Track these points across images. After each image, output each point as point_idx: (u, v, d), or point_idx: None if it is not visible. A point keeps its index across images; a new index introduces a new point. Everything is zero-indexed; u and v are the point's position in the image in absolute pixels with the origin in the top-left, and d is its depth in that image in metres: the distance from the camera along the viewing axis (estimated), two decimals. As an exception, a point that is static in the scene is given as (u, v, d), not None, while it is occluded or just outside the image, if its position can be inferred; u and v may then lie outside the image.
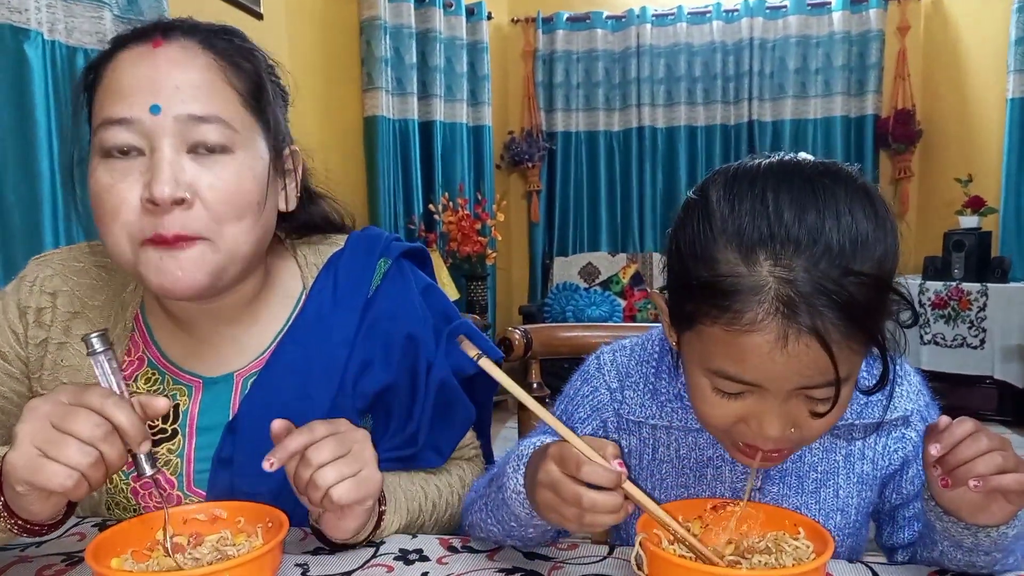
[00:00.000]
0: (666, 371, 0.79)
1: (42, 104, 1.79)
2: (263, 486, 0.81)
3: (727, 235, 0.61)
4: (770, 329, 0.59)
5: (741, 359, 0.61)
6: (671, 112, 4.64)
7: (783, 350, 0.59)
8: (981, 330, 3.72)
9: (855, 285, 0.58)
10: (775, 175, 0.62)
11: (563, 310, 4.29)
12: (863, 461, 0.78)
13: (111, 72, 0.76)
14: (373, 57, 3.87)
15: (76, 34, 1.92)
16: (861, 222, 0.60)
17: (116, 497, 0.86)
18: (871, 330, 0.60)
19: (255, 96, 0.80)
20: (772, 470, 0.77)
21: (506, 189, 4.82)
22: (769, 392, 0.62)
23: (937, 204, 4.29)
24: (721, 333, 0.61)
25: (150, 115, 0.73)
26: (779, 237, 0.59)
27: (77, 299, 0.89)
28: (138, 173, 0.74)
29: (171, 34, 0.77)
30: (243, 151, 0.78)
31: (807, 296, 0.58)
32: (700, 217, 0.63)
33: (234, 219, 0.77)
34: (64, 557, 0.75)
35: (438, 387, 0.90)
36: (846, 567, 0.71)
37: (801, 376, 0.60)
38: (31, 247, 1.75)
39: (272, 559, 0.64)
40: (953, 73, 4.30)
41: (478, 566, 0.73)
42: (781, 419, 0.63)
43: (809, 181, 0.61)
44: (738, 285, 0.59)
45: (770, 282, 0.59)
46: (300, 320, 0.89)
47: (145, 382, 0.87)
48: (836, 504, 0.78)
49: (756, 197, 0.61)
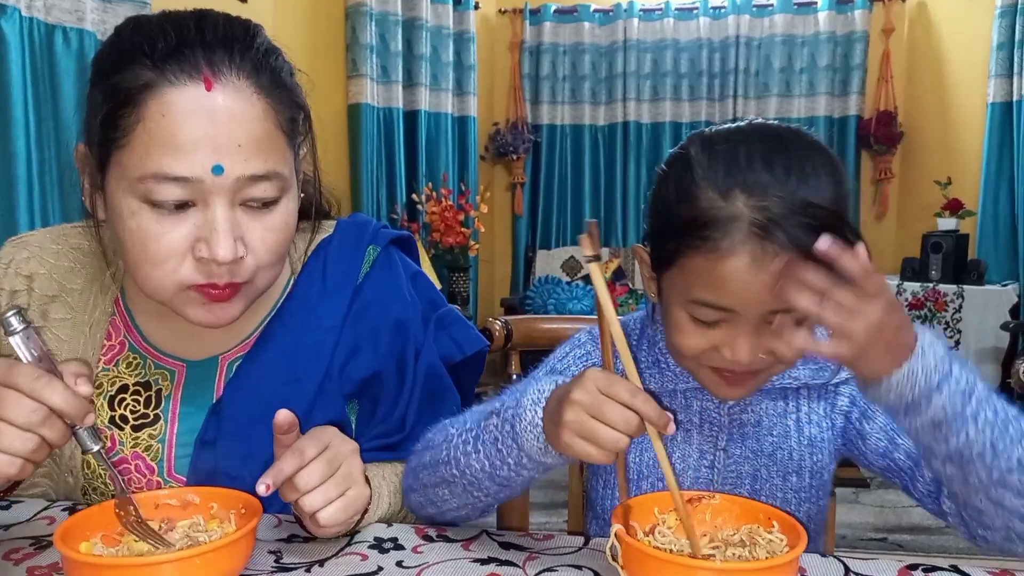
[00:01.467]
0: (645, 343, 0.86)
1: (19, 82, 1.76)
2: (246, 468, 0.81)
3: (706, 180, 0.69)
4: (745, 252, 0.66)
5: (720, 285, 0.68)
6: (656, 107, 4.65)
7: (758, 272, 0.66)
8: (956, 331, 3.77)
9: (818, 213, 0.66)
10: (747, 133, 0.72)
11: (545, 303, 4.29)
12: (810, 425, 0.85)
13: (159, 114, 0.69)
14: (358, 44, 3.83)
15: (55, 12, 1.89)
16: (820, 169, 0.69)
17: (94, 483, 0.85)
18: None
19: (293, 124, 0.78)
20: (734, 433, 0.84)
21: (490, 181, 4.81)
22: (743, 318, 0.69)
23: (916, 206, 4.34)
24: (701, 262, 0.69)
25: (211, 175, 0.70)
26: (751, 180, 0.67)
27: (55, 282, 0.87)
28: (191, 225, 0.72)
29: (220, 69, 0.71)
30: (287, 196, 0.77)
31: (779, 219, 0.66)
32: (681, 167, 0.72)
33: (276, 264, 0.79)
34: (32, 541, 0.74)
35: (426, 374, 0.90)
36: (819, 560, 0.72)
37: (773, 299, 0.66)
38: (6, 227, 1.73)
39: (245, 545, 0.64)
40: (935, 76, 4.34)
41: (453, 555, 0.73)
42: (752, 343, 0.70)
43: (778, 136, 0.71)
44: (716, 215, 0.67)
45: (745, 212, 0.67)
46: (288, 305, 0.88)
47: (127, 366, 0.86)
48: (790, 465, 0.84)
49: (731, 149, 0.70)
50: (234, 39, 0.73)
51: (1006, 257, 4.03)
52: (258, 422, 0.79)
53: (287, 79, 0.77)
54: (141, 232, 0.72)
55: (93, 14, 1.97)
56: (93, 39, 1.95)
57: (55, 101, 1.90)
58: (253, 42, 0.75)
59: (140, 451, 0.85)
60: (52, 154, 1.88)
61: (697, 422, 0.84)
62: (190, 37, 0.71)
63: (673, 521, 0.68)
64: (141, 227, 0.72)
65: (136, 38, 0.72)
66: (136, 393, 0.86)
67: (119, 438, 0.85)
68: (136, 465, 0.85)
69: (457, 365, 0.94)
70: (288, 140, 0.77)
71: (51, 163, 1.88)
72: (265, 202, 0.75)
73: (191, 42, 0.71)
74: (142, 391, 0.86)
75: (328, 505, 0.69)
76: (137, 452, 0.85)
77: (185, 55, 0.70)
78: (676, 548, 0.65)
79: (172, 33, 0.71)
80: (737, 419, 0.84)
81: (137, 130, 0.70)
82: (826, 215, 0.66)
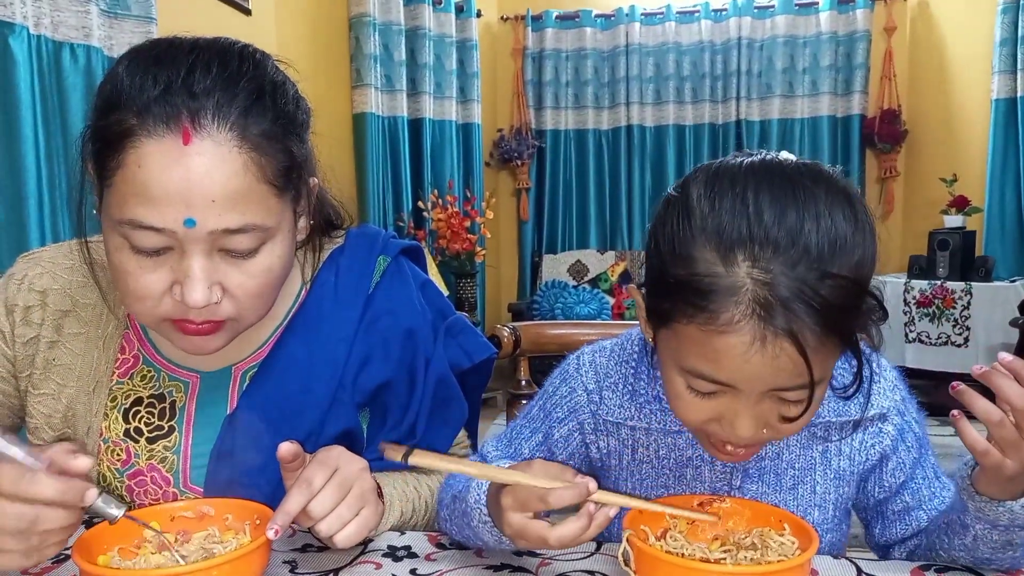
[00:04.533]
0: (645, 372, 0.79)
1: (28, 99, 1.78)
2: (262, 478, 0.82)
3: (706, 234, 0.61)
4: (745, 331, 0.59)
5: (715, 359, 0.61)
6: (660, 111, 4.65)
7: (758, 352, 0.59)
8: (965, 328, 3.75)
9: (832, 289, 0.58)
10: (756, 174, 0.62)
11: (552, 307, 4.29)
12: (839, 457, 0.79)
13: (135, 164, 0.69)
14: (362, 54, 3.85)
15: (63, 29, 1.91)
16: (840, 224, 0.60)
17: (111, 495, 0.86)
18: (846, 333, 0.61)
19: (287, 175, 0.75)
20: (751, 468, 0.78)
21: (495, 187, 4.82)
22: (742, 392, 0.63)
23: (922, 203, 4.32)
24: (696, 332, 0.61)
25: (183, 228, 0.70)
26: (758, 238, 0.59)
27: (68, 297, 0.88)
28: (167, 268, 0.72)
29: (201, 122, 0.69)
30: (270, 243, 0.76)
31: (784, 299, 0.58)
32: (680, 214, 0.63)
33: (261, 305, 0.79)
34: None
35: (436, 382, 0.91)
36: (831, 563, 0.72)
37: (775, 378, 0.61)
38: (17, 243, 1.74)
39: (260, 556, 0.64)
40: (939, 73, 4.34)
41: (466, 563, 0.73)
42: (753, 420, 0.64)
43: (790, 181, 0.61)
44: (715, 285, 0.59)
45: (747, 283, 0.59)
46: (300, 315, 0.89)
47: (141, 379, 0.87)
48: (814, 500, 0.79)
49: (736, 196, 0.61)
50: (225, 83, 0.71)
51: (1013, 253, 4.02)
52: (272, 432, 0.80)
53: (280, 126, 0.74)
54: (122, 269, 0.73)
55: (100, 30, 1.99)
56: (100, 55, 1.97)
57: (63, 117, 1.91)
58: (249, 83, 0.72)
59: (156, 463, 0.85)
60: (61, 170, 1.89)
61: (708, 458, 0.78)
62: (177, 84, 0.69)
63: (684, 525, 0.69)
64: (123, 264, 0.73)
65: (129, 76, 0.71)
66: (151, 405, 0.87)
67: (134, 450, 0.86)
68: (152, 477, 0.85)
69: (465, 372, 0.95)
70: (276, 191, 0.74)
71: (60, 178, 1.89)
72: (243, 253, 0.74)
73: (177, 90, 0.69)
74: (156, 403, 0.87)
75: (344, 528, 0.70)
76: (153, 464, 0.85)
77: (169, 103, 0.69)
78: (688, 552, 0.65)
79: (162, 76, 0.70)
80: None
81: (118, 175, 0.70)
82: (843, 290, 0.59)
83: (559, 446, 0.83)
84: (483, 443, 0.89)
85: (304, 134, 0.79)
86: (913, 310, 3.89)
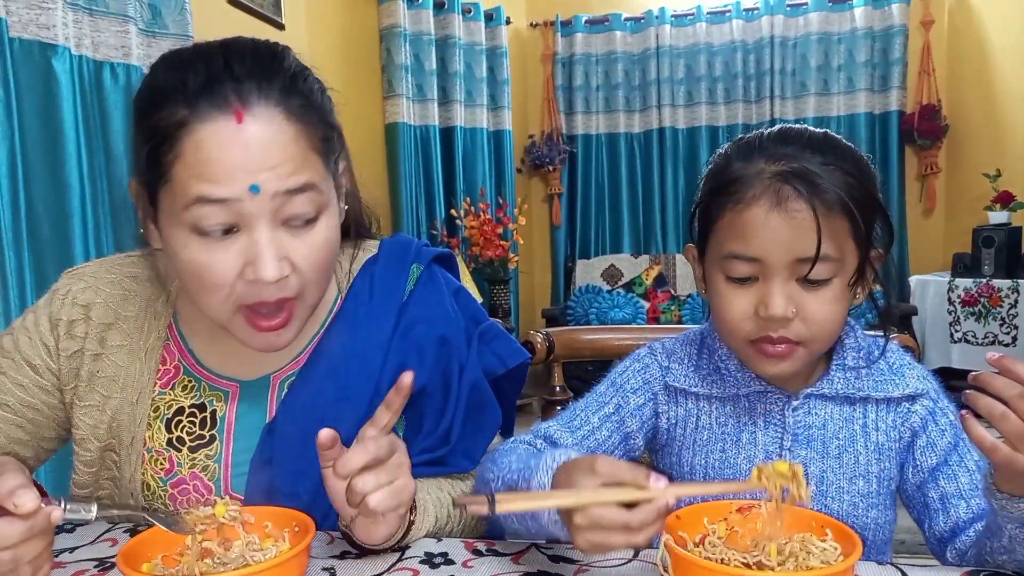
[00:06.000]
0: (706, 351, 0.90)
1: (70, 118, 1.83)
2: (300, 486, 0.83)
3: (736, 155, 0.81)
4: (764, 201, 0.75)
5: (745, 233, 0.76)
6: (692, 112, 4.61)
7: (777, 215, 0.74)
8: (1013, 327, 3.64)
9: (836, 171, 0.75)
10: (777, 128, 0.82)
11: (586, 313, 4.28)
12: (878, 432, 0.85)
13: (194, 149, 0.72)
14: (393, 64, 3.89)
15: (103, 48, 1.96)
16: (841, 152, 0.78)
17: (154, 504, 0.88)
18: (852, 213, 0.75)
19: (326, 143, 0.80)
20: (799, 433, 0.85)
21: (527, 193, 4.82)
22: (771, 268, 0.76)
23: (965, 200, 4.22)
24: (729, 216, 0.78)
25: (249, 194, 0.73)
26: (773, 150, 0.78)
27: (111, 310, 0.90)
28: (237, 251, 0.75)
29: (249, 101, 0.73)
30: (326, 214, 0.80)
31: (796, 171, 0.75)
32: (716, 162, 0.84)
33: (323, 279, 0.81)
34: (96, 562, 0.77)
35: (470, 388, 0.91)
36: (876, 569, 0.70)
37: (793, 244, 0.74)
38: (61, 259, 1.78)
39: (299, 563, 0.65)
40: (979, 67, 4.23)
41: (503, 569, 0.73)
42: (783, 297, 0.76)
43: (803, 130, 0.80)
44: (741, 174, 0.78)
45: (765, 168, 0.77)
46: (336, 323, 0.91)
47: (182, 389, 0.89)
48: (857, 470, 0.85)
49: (759, 136, 0.81)
50: (262, 68, 0.75)
51: (1063, 249, 3.90)
52: (311, 440, 0.80)
53: (316, 100, 0.79)
54: (193, 263, 0.76)
55: (139, 49, 2.04)
56: (139, 73, 2.01)
57: (105, 135, 1.96)
58: (281, 67, 0.77)
59: (198, 471, 0.87)
60: (104, 187, 1.94)
61: (762, 424, 0.86)
62: (219, 72, 0.74)
63: (723, 531, 0.68)
64: (193, 258, 0.75)
65: (169, 77, 0.75)
66: (192, 415, 0.88)
67: (177, 459, 0.87)
68: (194, 485, 0.87)
69: (499, 378, 0.95)
70: (323, 159, 0.79)
71: (103, 195, 1.94)
72: (306, 219, 0.77)
73: (220, 77, 0.73)
74: (197, 413, 0.88)
75: (379, 489, 0.69)
76: (195, 472, 0.87)
77: (215, 90, 0.73)
78: (726, 558, 0.64)
79: (202, 69, 0.74)
80: (802, 422, 0.85)
81: (176, 166, 0.73)
82: (845, 175, 0.75)
83: (633, 416, 0.89)
84: (542, 424, 0.90)
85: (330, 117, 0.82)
86: (958, 309, 3.79)
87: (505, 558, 0.75)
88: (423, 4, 4.05)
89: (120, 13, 1.98)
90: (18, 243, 1.72)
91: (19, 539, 0.62)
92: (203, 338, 0.91)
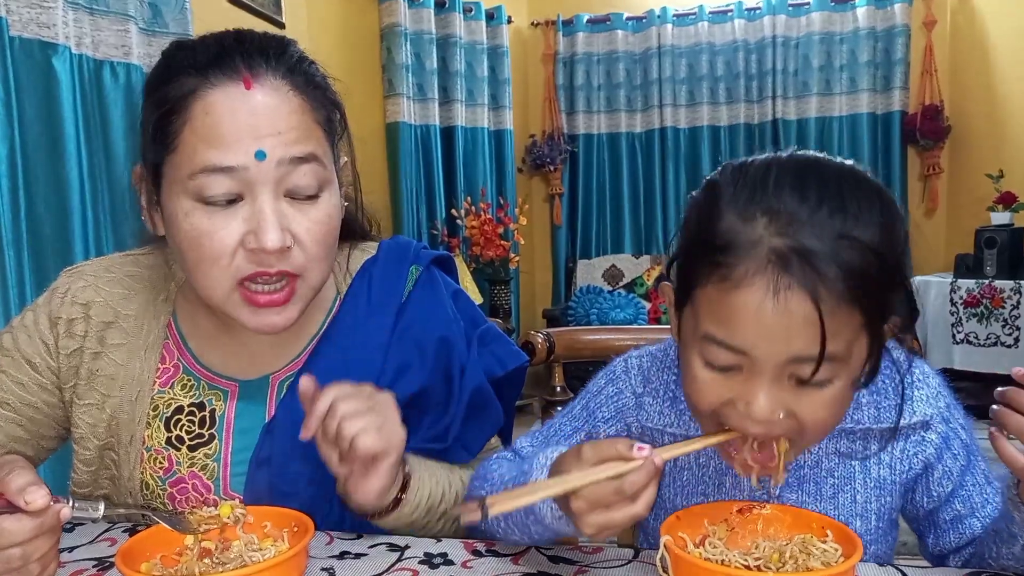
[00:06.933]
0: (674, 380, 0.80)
1: (71, 116, 1.83)
2: (300, 486, 0.83)
3: (730, 203, 0.63)
4: (758, 284, 0.59)
5: (729, 319, 0.61)
6: (694, 112, 4.61)
7: (771, 307, 0.58)
8: (1015, 328, 3.64)
9: (850, 250, 0.59)
10: (784, 159, 0.65)
11: (587, 313, 4.27)
12: (880, 466, 0.76)
13: (203, 113, 0.75)
14: (394, 64, 3.89)
15: (103, 48, 1.96)
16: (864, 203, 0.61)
17: (153, 503, 0.88)
18: (865, 307, 0.60)
19: (329, 123, 0.83)
20: (791, 477, 0.76)
21: (528, 192, 4.82)
22: (758, 365, 0.61)
23: (967, 201, 4.21)
24: (714, 293, 0.62)
25: (255, 161, 0.74)
26: (777, 205, 0.61)
27: (110, 309, 0.90)
28: (240, 220, 0.76)
29: (257, 70, 0.76)
30: (328, 190, 0.81)
31: (800, 251, 0.58)
32: (707, 195, 0.66)
33: (325, 256, 0.82)
34: (96, 562, 0.77)
35: (472, 390, 0.91)
36: (877, 571, 0.70)
37: (788, 342, 0.59)
38: (61, 258, 1.78)
39: (298, 563, 0.65)
40: (981, 67, 4.23)
41: (503, 569, 0.73)
42: (769, 399, 0.62)
43: (815, 162, 0.64)
44: (733, 238, 0.61)
45: (764, 237, 0.60)
46: (336, 324, 0.91)
47: (181, 388, 0.89)
48: (855, 510, 0.77)
49: (761, 174, 0.63)
50: (270, 47, 0.79)
51: (1065, 250, 3.89)
52: (310, 440, 0.81)
53: (321, 81, 0.83)
54: (196, 231, 0.76)
55: (139, 48, 2.04)
56: (140, 72, 2.01)
57: (105, 134, 1.96)
58: (287, 50, 0.81)
59: (196, 471, 0.87)
60: (104, 185, 1.94)
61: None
62: (230, 46, 0.77)
63: (724, 532, 0.67)
64: (195, 226, 0.76)
65: (180, 54, 0.79)
66: (191, 414, 0.88)
67: (176, 458, 0.87)
68: (193, 484, 0.87)
69: (498, 380, 0.95)
70: (326, 135, 0.81)
71: (103, 194, 1.94)
72: (308, 195, 0.79)
73: (231, 50, 0.77)
74: (196, 411, 0.88)
75: (366, 433, 0.72)
76: (194, 472, 0.87)
77: (225, 61, 0.76)
78: (726, 559, 0.64)
79: (213, 45, 0.78)
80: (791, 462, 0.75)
81: (184, 131, 0.75)
82: (861, 253, 0.58)
83: None
84: (517, 440, 0.89)
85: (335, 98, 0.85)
86: (960, 310, 3.79)
87: (505, 558, 0.75)
88: (424, 3, 4.05)
89: (120, 12, 1.98)
90: (18, 242, 1.71)
91: (29, 536, 0.63)
92: (203, 337, 0.90)
